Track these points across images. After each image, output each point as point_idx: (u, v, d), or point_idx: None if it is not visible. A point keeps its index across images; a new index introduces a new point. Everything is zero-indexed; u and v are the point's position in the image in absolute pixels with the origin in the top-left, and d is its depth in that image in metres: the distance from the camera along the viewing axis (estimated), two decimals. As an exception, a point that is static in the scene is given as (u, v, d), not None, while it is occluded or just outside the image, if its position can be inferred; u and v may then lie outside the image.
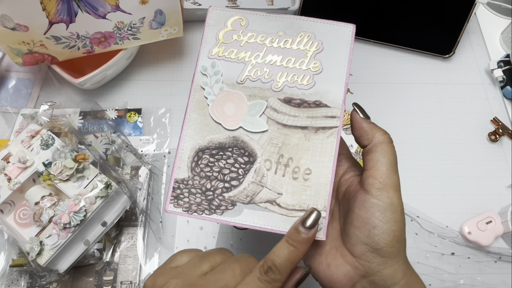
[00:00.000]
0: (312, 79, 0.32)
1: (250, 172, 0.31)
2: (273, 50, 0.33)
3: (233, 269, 0.26)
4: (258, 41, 0.34)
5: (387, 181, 0.28)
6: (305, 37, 0.33)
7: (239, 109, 0.32)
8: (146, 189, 0.53)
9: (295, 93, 0.32)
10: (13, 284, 0.47)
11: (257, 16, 0.34)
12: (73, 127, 0.54)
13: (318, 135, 0.31)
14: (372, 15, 0.65)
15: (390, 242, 0.27)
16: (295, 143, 0.31)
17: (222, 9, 0.35)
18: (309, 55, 0.33)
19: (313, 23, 0.33)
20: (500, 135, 0.60)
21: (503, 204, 0.55)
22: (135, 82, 0.63)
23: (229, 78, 0.33)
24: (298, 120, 0.32)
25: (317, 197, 0.30)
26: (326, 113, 0.32)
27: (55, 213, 0.44)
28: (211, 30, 0.34)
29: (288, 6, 0.66)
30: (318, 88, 0.32)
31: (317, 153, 0.31)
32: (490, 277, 0.51)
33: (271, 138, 0.32)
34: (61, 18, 0.50)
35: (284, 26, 0.34)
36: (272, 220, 0.30)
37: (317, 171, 0.31)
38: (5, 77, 0.63)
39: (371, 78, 0.65)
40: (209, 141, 0.32)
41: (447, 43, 0.65)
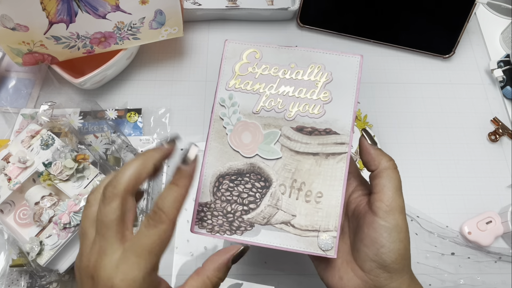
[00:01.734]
0: (323, 108, 0.35)
1: (266, 196, 0.34)
2: (286, 82, 0.35)
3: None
4: (272, 73, 0.36)
5: (394, 205, 0.31)
6: (316, 68, 0.35)
7: (255, 137, 0.35)
8: (146, 189, 0.53)
9: (307, 122, 0.34)
10: (13, 284, 0.47)
11: (270, 49, 0.36)
12: (73, 127, 0.54)
13: (329, 160, 0.34)
14: (372, 15, 0.65)
15: (396, 259, 0.30)
16: (307, 169, 0.34)
17: (237, 42, 0.37)
18: (319, 86, 0.35)
19: (323, 54, 0.35)
20: (500, 135, 0.60)
21: (503, 204, 0.55)
22: (135, 82, 0.63)
23: (245, 108, 0.35)
24: (310, 147, 0.34)
25: (328, 218, 0.33)
26: (336, 140, 0.34)
27: (55, 213, 0.44)
28: (228, 63, 0.36)
29: (288, 6, 0.66)
30: (328, 116, 0.34)
31: (328, 178, 0.33)
32: (490, 277, 0.51)
33: (285, 164, 0.34)
34: (61, 18, 0.50)
35: (296, 58, 0.36)
36: (287, 240, 0.33)
37: (328, 194, 0.33)
38: (5, 77, 0.63)
39: (371, 78, 0.65)
40: (229, 168, 0.34)
41: (447, 43, 0.65)
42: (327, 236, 0.32)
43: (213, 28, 0.69)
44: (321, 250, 0.32)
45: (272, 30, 0.69)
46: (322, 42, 0.68)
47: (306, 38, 0.68)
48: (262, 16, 0.68)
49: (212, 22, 0.69)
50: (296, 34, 0.69)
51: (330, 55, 0.35)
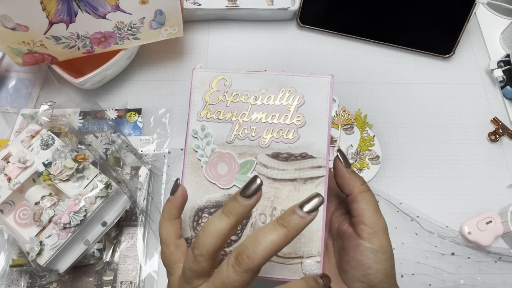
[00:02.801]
0: (297, 132, 0.34)
1: (247, 226, 0.33)
2: (258, 108, 0.34)
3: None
4: (243, 100, 0.35)
5: (376, 226, 0.31)
6: (287, 92, 0.34)
7: (231, 168, 0.34)
8: (146, 189, 0.53)
9: (282, 148, 0.34)
10: (13, 284, 0.47)
11: (239, 75, 0.35)
12: (73, 127, 0.54)
13: (307, 185, 0.33)
14: (372, 15, 0.65)
15: (383, 278, 0.31)
16: (286, 195, 0.33)
17: (205, 70, 0.36)
18: (291, 110, 0.34)
19: (293, 77, 0.34)
20: (500, 135, 0.60)
21: (503, 204, 0.55)
22: (135, 82, 0.63)
23: (219, 138, 0.34)
24: (287, 173, 0.33)
25: (311, 244, 0.32)
26: (313, 163, 0.33)
27: (55, 213, 0.44)
28: (197, 92, 0.35)
29: (288, 6, 0.66)
30: (303, 140, 0.34)
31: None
32: (490, 277, 0.51)
33: (263, 192, 0.33)
34: (61, 18, 0.50)
35: (266, 83, 0.35)
36: (271, 269, 0.32)
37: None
38: (5, 77, 0.63)
39: (371, 78, 0.65)
40: (207, 201, 0.34)
41: (447, 43, 0.65)
42: (311, 262, 0.32)
43: (213, 28, 0.69)
44: None
45: (272, 30, 0.69)
46: (322, 42, 0.68)
47: (306, 38, 0.68)
48: (262, 16, 0.68)
49: (212, 22, 0.69)
50: (296, 34, 0.69)
51: (300, 77, 0.34)
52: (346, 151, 0.57)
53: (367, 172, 0.56)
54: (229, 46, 0.67)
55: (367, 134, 0.58)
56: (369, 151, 0.57)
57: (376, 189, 0.55)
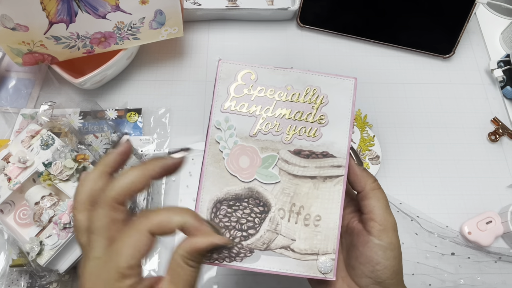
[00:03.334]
0: (319, 131, 0.34)
1: (265, 221, 0.33)
2: (282, 104, 0.35)
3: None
4: (268, 95, 0.35)
5: (386, 224, 0.32)
6: (311, 90, 0.35)
7: (253, 161, 0.34)
8: (146, 189, 0.53)
9: (304, 145, 0.34)
10: (13, 284, 0.47)
11: (266, 70, 0.35)
12: (73, 127, 0.54)
13: (326, 183, 0.34)
14: (373, 15, 0.65)
15: (391, 275, 0.32)
16: (306, 192, 0.34)
17: (231, 62, 0.36)
18: (315, 108, 0.35)
19: (319, 77, 0.35)
20: (500, 135, 0.60)
21: (503, 204, 0.55)
22: (135, 82, 0.63)
23: (242, 131, 0.34)
24: (308, 170, 0.34)
25: (327, 241, 0.33)
26: (333, 163, 0.34)
27: (55, 213, 0.44)
28: (222, 83, 0.35)
29: (288, 6, 0.66)
30: (325, 139, 0.34)
31: (325, 201, 0.33)
32: (490, 277, 0.51)
33: (283, 188, 0.34)
34: (61, 18, 0.50)
35: (291, 80, 0.35)
36: (287, 264, 0.33)
37: (326, 217, 0.33)
38: (5, 77, 0.63)
39: (371, 78, 0.65)
40: (226, 193, 0.34)
41: (447, 43, 0.65)
42: (326, 259, 0.32)
43: (213, 28, 0.69)
44: (321, 273, 0.32)
45: (272, 30, 0.69)
46: (322, 42, 0.68)
47: (306, 38, 0.68)
48: (262, 16, 0.68)
49: (212, 22, 0.69)
50: (296, 34, 0.69)
51: (326, 77, 0.35)
52: (346, 151, 0.57)
53: (367, 172, 0.56)
54: (229, 46, 0.67)
55: (367, 134, 0.59)
56: (369, 151, 0.57)
57: (376, 189, 0.55)
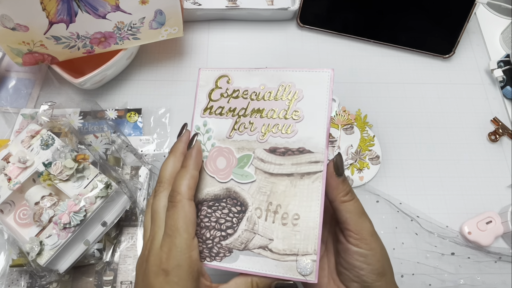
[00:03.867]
0: (294, 127, 0.33)
1: (243, 220, 0.33)
2: (256, 104, 0.35)
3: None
4: (243, 96, 0.35)
5: (361, 231, 0.32)
6: (286, 87, 0.34)
7: (230, 162, 0.34)
8: (146, 189, 0.53)
9: (279, 142, 0.33)
10: (13, 284, 0.47)
11: (241, 73, 0.36)
12: (73, 127, 0.54)
13: (304, 180, 0.32)
14: (372, 15, 0.65)
15: (376, 277, 0.31)
16: (283, 190, 0.33)
17: (210, 69, 0.37)
18: (290, 105, 0.34)
19: (292, 73, 0.34)
20: (500, 135, 0.60)
21: (503, 204, 0.55)
22: (135, 82, 0.63)
23: (219, 134, 0.35)
24: (284, 168, 0.33)
25: (307, 241, 0.31)
26: (310, 158, 0.32)
27: (55, 213, 0.44)
28: (202, 90, 0.37)
29: (288, 6, 0.66)
30: (301, 135, 0.33)
31: (304, 198, 0.32)
32: (490, 277, 0.51)
33: (259, 187, 0.33)
34: (61, 18, 0.50)
35: (266, 79, 0.35)
36: (266, 265, 0.32)
37: (305, 215, 0.32)
38: (5, 77, 0.63)
39: (371, 78, 0.65)
40: (206, 194, 0.34)
41: (447, 43, 0.65)
42: (306, 260, 0.31)
43: (213, 28, 0.69)
44: (301, 275, 0.31)
45: (272, 30, 0.69)
46: (322, 42, 0.68)
47: (306, 38, 0.68)
48: (262, 16, 0.68)
49: (212, 22, 0.69)
50: (296, 34, 0.69)
51: (300, 72, 0.34)
52: (346, 151, 0.57)
53: (367, 172, 0.56)
54: (229, 46, 0.67)
55: (367, 134, 0.58)
56: (369, 151, 0.57)
57: (376, 189, 0.55)
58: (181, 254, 0.29)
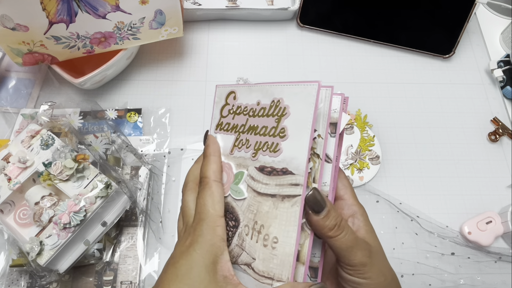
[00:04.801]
0: (280, 145, 0.31)
1: (235, 235, 0.33)
2: (253, 120, 0.34)
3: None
4: (243, 113, 0.35)
5: (353, 263, 0.30)
6: (276, 103, 0.33)
7: (229, 177, 0.34)
8: (146, 189, 0.53)
9: (267, 161, 0.32)
10: (13, 284, 0.47)
11: (244, 89, 0.35)
12: (73, 127, 0.54)
13: (284, 203, 0.30)
14: (372, 15, 0.65)
15: None
16: (266, 211, 0.31)
17: (224, 86, 0.37)
18: (278, 122, 0.32)
19: (283, 87, 0.32)
20: (500, 135, 0.60)
21: (503, 204, 0.55)
22: (135, 82, 0.63)
23: (224, 149, 0.35)
24: (269, 188, 0.32)
25: (282, 268, 0.29)
26: (291, 180, 0.30)
27: (55, 213, 0.44)
28: (217, 107, 0.37)
29: (288, 6, 0.66)
30: (285, 154, 0.31)
31: (283, 222, 0.30)
32: (490, 277, 0.51)
33: (249, 205, 0.33)
34: (61, 18, 0.50)
35: (261, 95, 0.34)
36: (248, 283, 0.31)
37: (283, 240, 0.30)
38: (5, 77, 0.63)
39: (371, 78, 0.65)
40: None
41: (447, 43, 0.65)
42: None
43: (213, 28, 0.69)
44: None
45: (272, 30, 0.69)
46: (322, 42, 0.68)
47: (306, 38, 0.68)
48: (262, 16, 0.68)
49: (212, 22, 0.69)
50: (296, 34, 0.69)
51: (288, 86, 0.32)
52: (346, 151, 0.57)
53: (367, 172, 0.56)
54: (229, 46, 0.67)
55: (367, 134, 0.58)
56: (369, 151, 0.57)
57: (376, 189, 0.55)
58: (206, 227, 0.30)
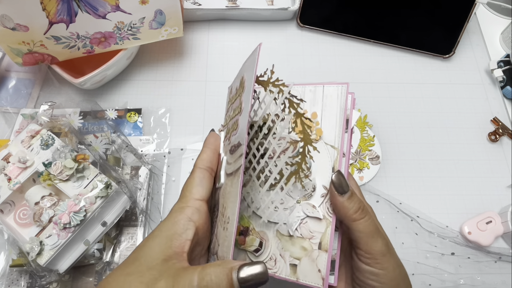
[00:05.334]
0: (238, 121, 0.31)
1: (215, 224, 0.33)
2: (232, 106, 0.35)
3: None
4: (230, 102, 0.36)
5: (373, 252, 0.30)
6: (242, 82, 0.33)
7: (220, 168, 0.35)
8: (146, 189, 0.53)
9: (233, 140, 0.32)
10: (13, 284, 0.47)
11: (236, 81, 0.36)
12: (73, 127, 0.54)
13: (234, 178, 0.29)
14: (372, 15, 0.65)
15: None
16: (228, 191, 0.31)
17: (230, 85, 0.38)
18: (240, 99, 0.33)
19: (244, 64, 0.34)
20: (500, 135, 0.60)
21: (503, 204, 0.55)
22: (135, 82, 0.63)
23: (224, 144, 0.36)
24: (230, 166, 0.32)
25: (228, 249, 0.28)
26: (240, 152, 0.30)
27: (55, 213, 0.44)
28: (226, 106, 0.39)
29: (288, 6, 0.66)
30: (240, 128, 0.31)
31: (231, 199, 0.29)
32: (490, 277, 0.51)
33: (223, 189, 0.33)
34: (61, 18, 0.50)
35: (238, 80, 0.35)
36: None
37: (232, 219, 0.28)
38: (5, 77, 0.63)
39: (371, 78, 0.65)
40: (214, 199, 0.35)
41: (447, 43, 0.65)
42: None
43: (213, 28, 0.69)
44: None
45: (272, 30, 0.69)
46: (322, 42, 0.68)
47: (306, 38, 0.68)
48: (262, 16, 0.68)
49: (212, 22, 0.69)
50: (296, 34, 0.69)
51: (246, 62, 0.32)
52: (346, 151, 0.57)
53: (367, 172, 0.56)
54: (229, 46, 0.67)
55: (367, 134, 0.58)
56: (369, 151, 0.57)
57: (376, 189, 0.55)
58: (176, 208, 0.31)
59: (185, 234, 0.30)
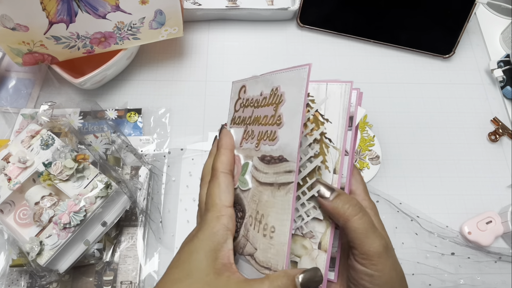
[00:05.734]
0: (277, 133, 0.31)
1: (242, 226, 0.33)
2: (257, 111, 0.34)
3: None
4: (250, 105, 0.35)
5: (368, 252, 0.29)
6: (275, 91, 0.32)
7: (238, 169, 0.35)
8: (146, 189, 0.53)
9: (267, 150, 0.32)
10: (13, 284, 0.47)
11: (252, 81, 0.35)
12: (73, 127, 0.54)
13: (280, 191, 0.30)
14: (373, 15, 0.65)
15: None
16: (266, 200, 0.31)
17: (238, 81, 0.37)
18: (276, 110, 0.32)
19: (280, 74, 0.32)
20: (500, 135, 0.60)
21: (503, 204, 0.55)
22: (135, 82, 0.63)
23: (236, 143, 0.36)
24: (268, 177, 0.31)
25: (278, 257, 0.29)
26: (285, 168, 0.30)
27: (55, 213, 0.44)
28: (232, 102, 0.38)
29: (288, 6, 0.66)
30: (281, 142, 0.30)
31: (279, 211, 0.30)
32: (490, 277, 0.51)
33: (252, 195, 0.32)
34: (61, 18, 0.50)
35: (264, 85, 0.33)
36: (252, 274, 0.31)
37: (279, 229, 0.29)
38: (5, 77, 0.63)
39: (371, 78, 0.65)
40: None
41: (447, 43, 0.65)
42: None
43: (213, 28, 0.69)
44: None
45: (272, 30, 0.69)
46: (322, 42, 0.68)
47: (306, 38, 0.68)
48: (262, 16, 0.68)
49: (212, 22, 0.69)
50: (296, 34, 0.69)
51: (284, 73, 0.31)
52: (346, 151, 0.57)
53: (367, 172, 0.56)
54: (229, 46, 0.67)
55: (367, 134, 0.58)
56: (369, 151, 0.57)
57: (376, 189, 0.55)
58: (211, 217, 0.31)
59: (226, 244, 0.30)
